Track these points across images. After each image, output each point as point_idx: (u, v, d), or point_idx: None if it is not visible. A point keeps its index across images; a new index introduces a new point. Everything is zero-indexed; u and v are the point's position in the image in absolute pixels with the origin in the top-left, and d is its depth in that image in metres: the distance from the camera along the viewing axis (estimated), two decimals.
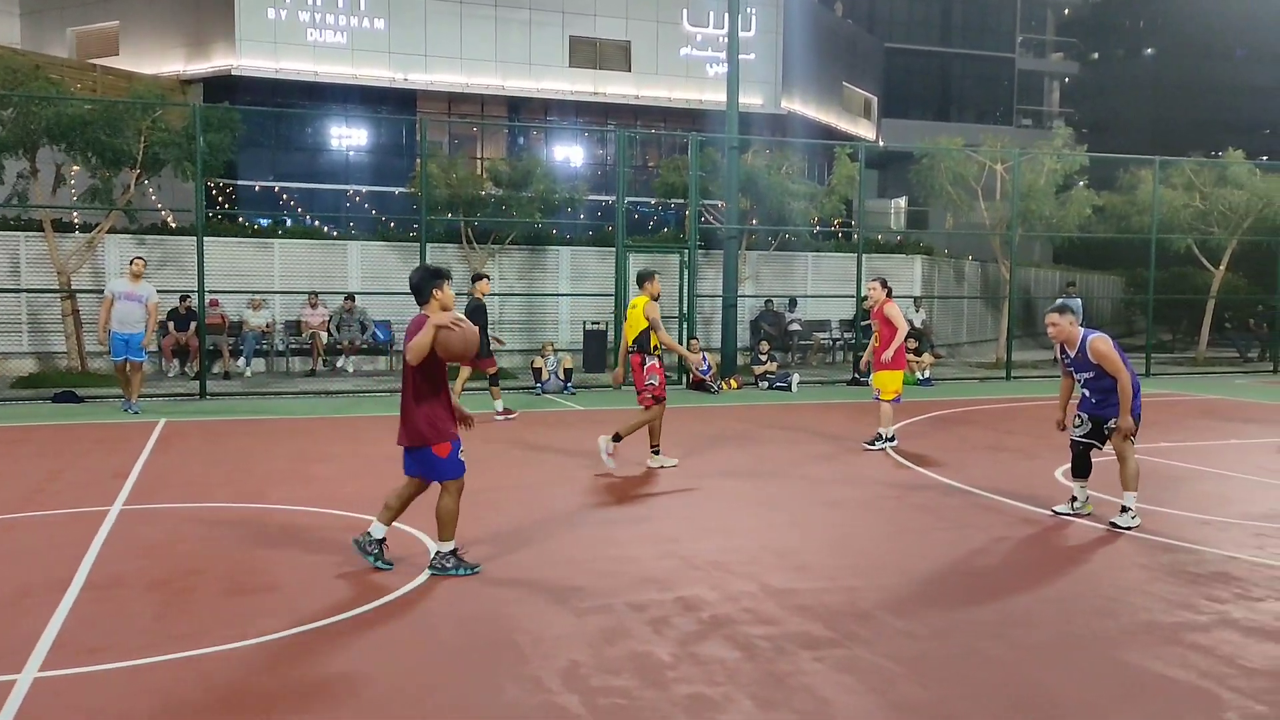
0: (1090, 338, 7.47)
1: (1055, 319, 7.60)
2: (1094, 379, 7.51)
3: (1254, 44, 60.25)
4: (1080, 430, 7.72)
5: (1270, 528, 7.49)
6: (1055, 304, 7.87)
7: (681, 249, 18.18)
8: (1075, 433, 7.77)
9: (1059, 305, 7.74)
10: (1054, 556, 6.75)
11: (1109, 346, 7.39)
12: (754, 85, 33.41)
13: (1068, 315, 7.61)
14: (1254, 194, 22.21)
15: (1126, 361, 7.43)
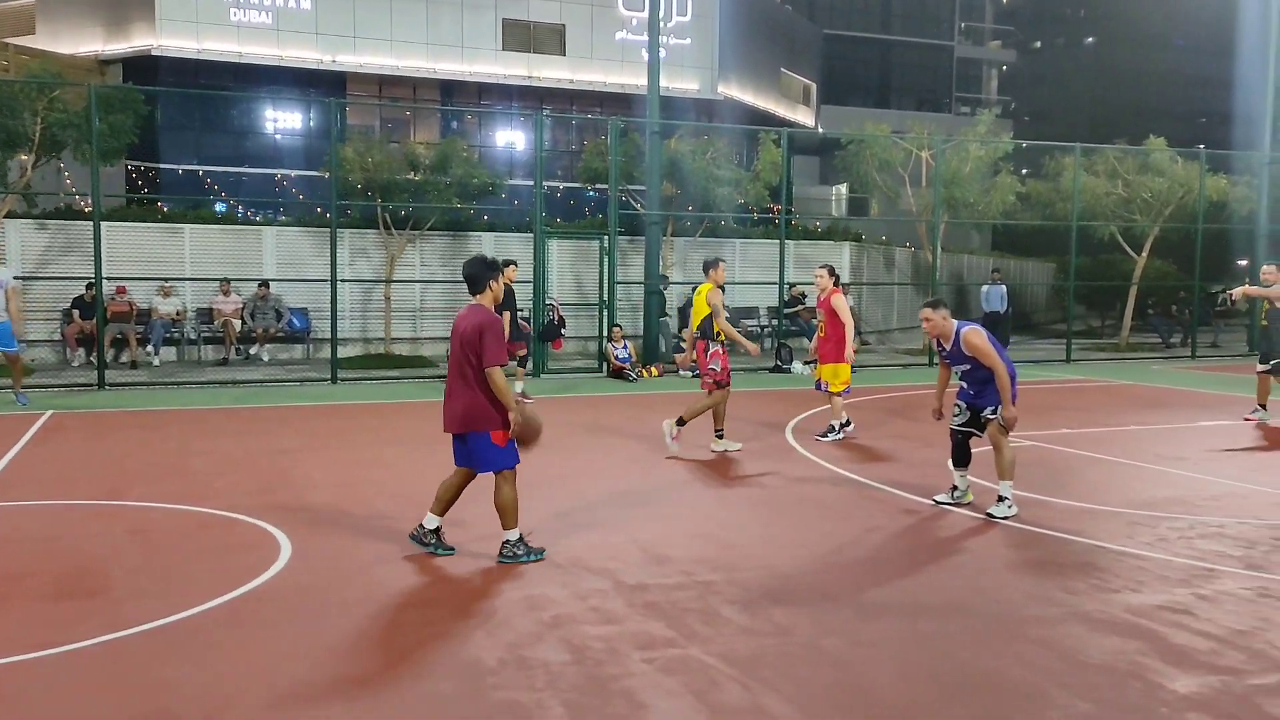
0: (963, 330, 7.40)
1: (928, 314, 7.52)
2: (970, 371, 7.45)
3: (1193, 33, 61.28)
4: (959, 419, 7.66)
5: (1145, 515, 7.47)
6: (928, 299, 7.80)
7: (602, 235, 17.94)
8: (954, 421, 7.71)
9: (931, 300, 7.68)
10: (923, 548, 6.66)
11: (982, 339, 7.33)
12: (690, 70, 33.25)
13: (940, 310, 7.53)
14: (1175, 181, 22.46)
15: (1002, 352, 7.36)
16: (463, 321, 5.99)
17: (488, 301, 6.07)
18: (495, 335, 5.87)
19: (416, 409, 13.24)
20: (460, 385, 5.98)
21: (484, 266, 6.15)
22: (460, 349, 5.96)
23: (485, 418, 5.95)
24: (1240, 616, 5.26)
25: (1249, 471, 9.15)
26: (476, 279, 6.10)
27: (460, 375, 5.98)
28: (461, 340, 5.94)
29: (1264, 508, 7.75)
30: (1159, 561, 6.29)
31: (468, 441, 6.04)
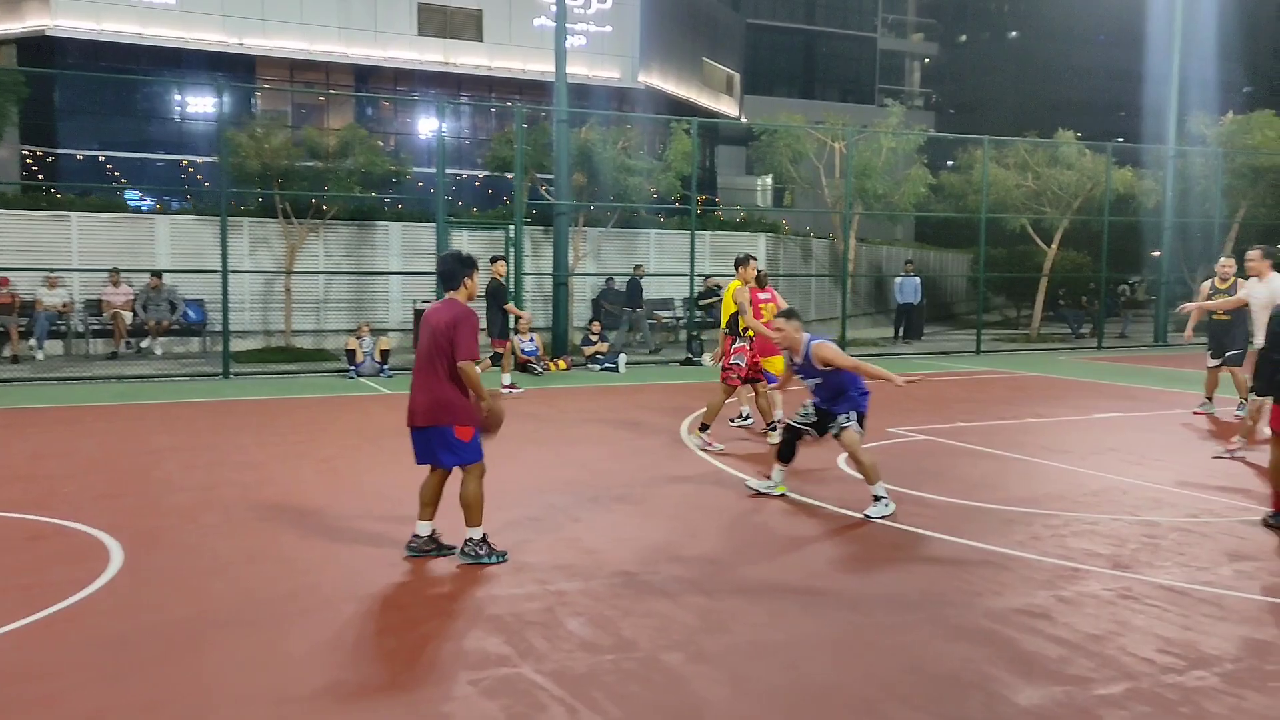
0: (814, 344, 7.28)
1: (781, 324, 7.40)
2: (822, 385, 7.36)
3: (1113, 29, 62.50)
4: (802, 417, 7.47)
5: (1021, 513, 7.37)
6: (783, 309, 7.69)
7: (509, 225, 17.57)
8: (796, 417, 7.52)
9: (785, 311, 7.57)
10: (792, 552, 6.47)
11: (833, 351, 7.23)
12: (610, 58, 32.95)
13: (793, 321, 7.41)
14: (1083, 174, 22.75)
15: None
16: (436, 315, 5.90)
17: (462, 297, 6.00)
18: (471, 329, 5.80)
19: (310, 405, 12.79)
20: (428, 378, 5.87)
21: (459, 262, 6.07)
22: (431, 341, 5.86)
23: (451, 412, 5.86)
24: (1097, 620, 5.14)
25: (1132, 466, 9.15)
26: (452, 275, 6.04)
27: (429, 368, 5.87)
28: (434, 333, 5.85)
29: (1141, 504, 7.72)
30: (1026, 562, 6.18)
31: (431, 437, 5.90)
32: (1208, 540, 6.65)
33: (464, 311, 5.86)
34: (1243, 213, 24.79)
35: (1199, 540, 6.65)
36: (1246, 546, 6.50)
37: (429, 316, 5.97)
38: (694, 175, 18.52)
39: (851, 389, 7.36)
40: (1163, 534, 6.80)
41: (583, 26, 32.27)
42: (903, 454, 9.68)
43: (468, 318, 5.83)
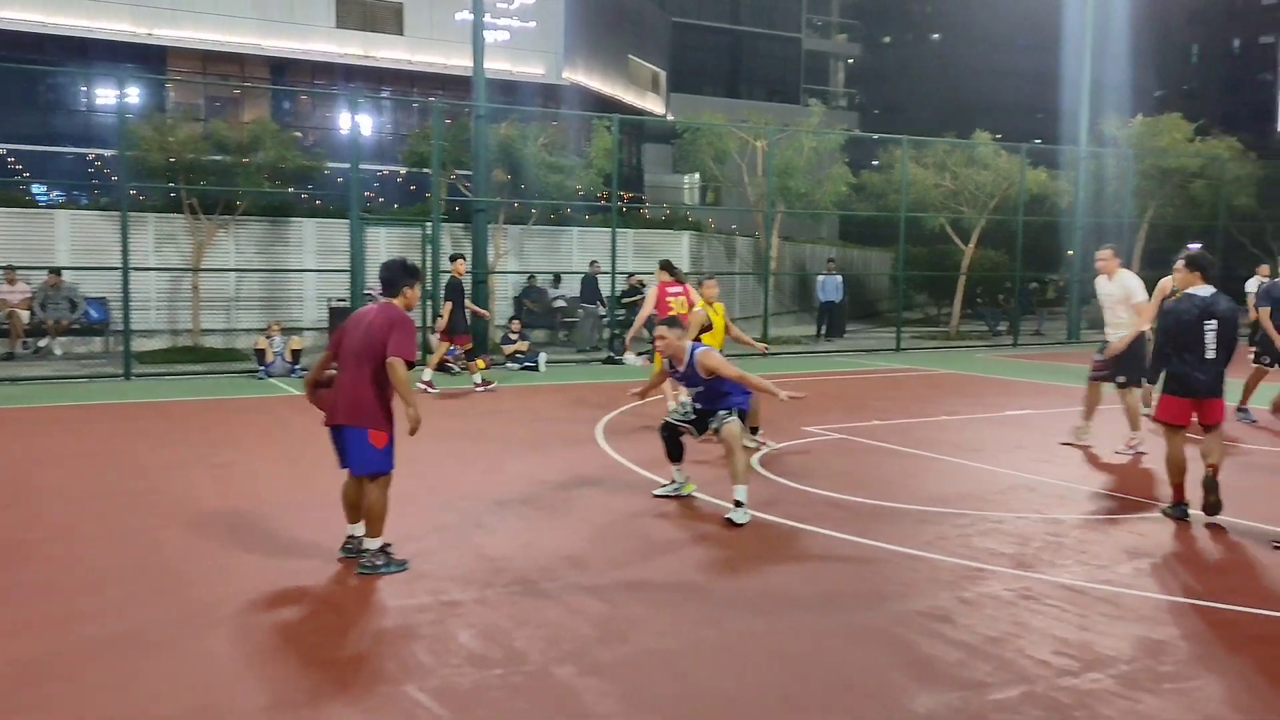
0: (698, 352, 7.22)
1: (664, 332, 7.32)
2: (703, 393, 7.32)
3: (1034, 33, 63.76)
4: (681, 415, 7.38)
5: (931, 512, 7.36)
6: (664, 318, 7.63)
7: (425, 222, 17.22)
8: (675, 414, 7.41)
9: (668, 319, 7.54)
10: (695, 554, 6.34)
11: (718, 361, 7.20)
12: (535, 54, 32.61)
13: (676, 329, 7.34)
14: (999, 174, 23.12)
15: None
16: (372, 314, 5.86)
17: (400, 306, 5.95)
18: (408, 332, 5.77)
19: (214, 408, 12.36)
20: (354, 377, 5.76)
21: (402, 272, 6.03)
22: (364, 340, 5.75)
23: (370, 414, 5.74)
24: (996, 622, 5.11)
25: (1040, 463, 9.23)
26: (392, 283, 5.99)
27: (356, 367, 5.76)
28: (368, 330, 5.76)
29: (1047, 501, 7.76)
30: (931, 562, 6.14)
31: (345, 437, 5.79)
32: (1109, 537, 6.70)
33: (402, 316, 5.85)
34: (1151, 213, 25.44)
35: (1101, 538, 6.69)
36: (1146, 543, 6.55)
37: (364, 315, 5.91)
38: (615, 172, 18.36)
39: (735, 393, 7.31)
40: (1066, 532, 6.83)
41: (506, 22, 31.88)
42: (817, 453, 9.65)
43: (406, 322, 5.82)
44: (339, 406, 5.81)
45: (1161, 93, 70.43)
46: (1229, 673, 4.48)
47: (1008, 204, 23.58)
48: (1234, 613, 5.27)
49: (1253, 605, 5.38)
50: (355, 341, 5.81)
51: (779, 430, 10.71)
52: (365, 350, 5.74)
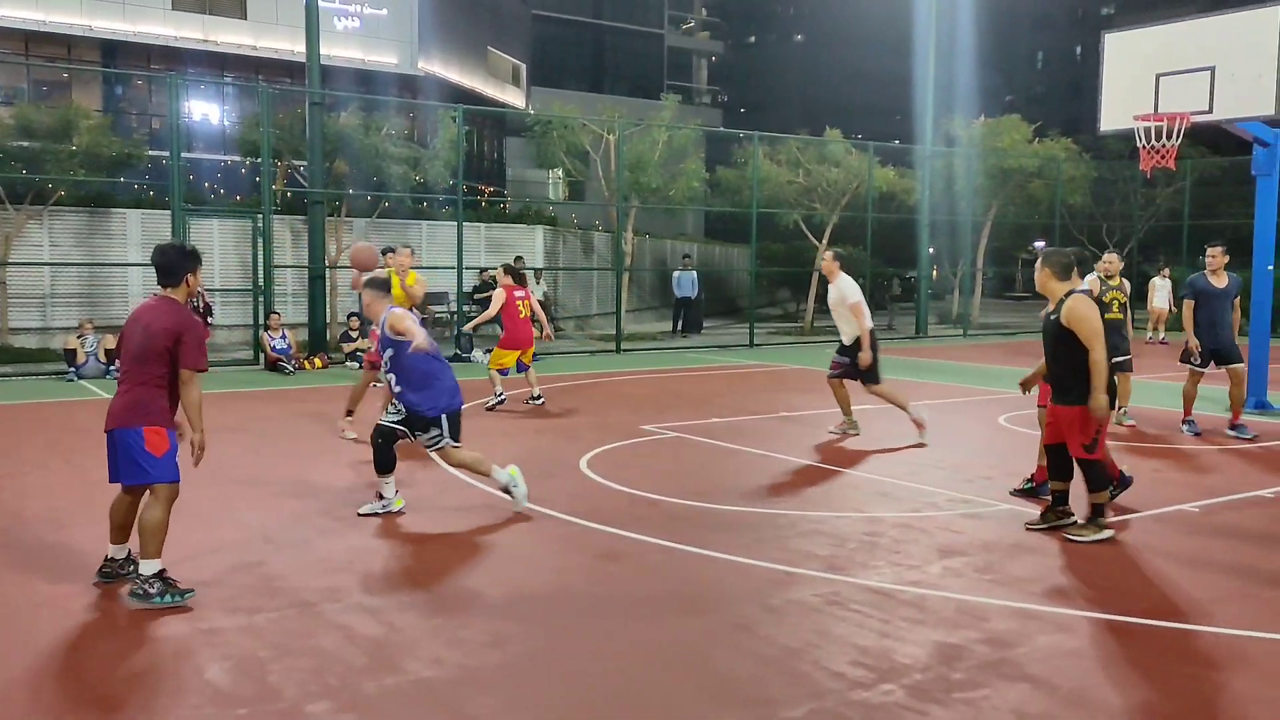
0: (390, 311, 6.88)
1: (364, 291, 7.18)
2: (395, 359, 6.86)
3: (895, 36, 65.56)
4: (394, 414, 6.94)
5: (753, 513, 7.16)
6: (367, 279, 7.30)
7: (256, 214, 16.34)
8: (386, 416, 7.00)
9: (369, 279, 7.23)
10: (494, 567, 5.98)
11: (407, 323, 6.72)
12: (388, 43, 31.67)
13: (373, 290, 7.07)
14: (849, 172, 23.46)
15: (437, 354, 6.91)
16: (149, 314, 5.22)
17: (181, 296, 5.35)
18: (198, 338, 5.21)
19: (14, 413, 11.36)
20: (132, 381, 5.18)
21: (181, 256, 5.37)
22: (143, 341, 5.15)
23: (147, 413, 5.14)
24: (798, 631, 4.89)
25: (869, 459, 9.20)
26: (170, 270, 5.31)
27: (137, 370, 5.16)
28: (148, 334, 5.14)
29: (869, 499, 7.68)
30: (744, 568, 5.91)
31: (117, 442, 5.15)
32: (924, 536, 6.61)
33: (187, 320, 5.24)
34: (994, 211, 26.26)
35: (916, 536, 6.60)
36: (959, 541, 6.49)
37: (140, 314, 5.28)
38: (460, 164, 17.80)
39: (434, 380, 6.84)
40: (883, 531, 6.72)
41: (356, 9, 30.86)
42: (650, 453, 9.39)
43: (193, 327, 5.24)
44: (112, 410, 5.21)
45: (1011, 97, 73.52)
46: (1022, 678, 4.36)
47: (858, 201, 23.95)
48: (1035, 612, 5.19)
49: (1054, 604, 5.32)
50: (134, 345, 5.21)
51: (614, 429, 10.44)
52: (145, 353, 5.15)
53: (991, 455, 9.37)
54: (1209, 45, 10.90)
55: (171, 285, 5.33)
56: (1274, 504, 7.56)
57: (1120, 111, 11.39)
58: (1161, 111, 10.95)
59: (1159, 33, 11.56)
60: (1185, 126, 10.85)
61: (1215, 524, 6.97)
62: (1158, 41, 11.38)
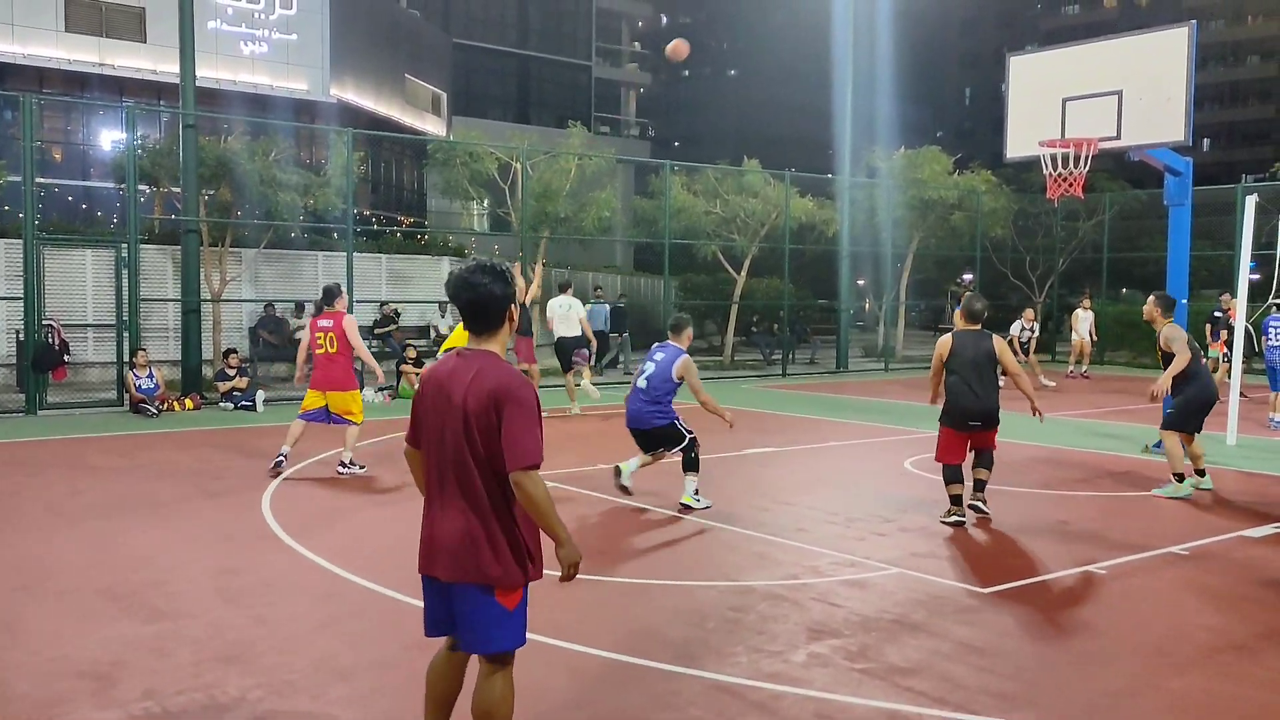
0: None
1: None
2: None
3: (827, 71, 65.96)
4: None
5: (603, 584, 6.25)
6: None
7: (119, 243, 15.16)
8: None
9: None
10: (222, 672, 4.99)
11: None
12: (297, 69, 30.62)
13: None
14: (768, 202, 22.87)
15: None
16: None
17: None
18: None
19: None
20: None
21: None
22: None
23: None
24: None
25: (756, 513, 8.35)
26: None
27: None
28: None
29: (745, 562, 6.81)
30: (569, 658, 4.99)
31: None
32: (796, 610, 5.75)
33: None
34: (916, 243, 25.86)
35: (787, 611, 5.73)
36: (835, 617, 5.64)
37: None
38: (350, 190, 16.78)
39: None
40: (751, 604, 5.85)
41: (264, 33, 29.77)
42: None
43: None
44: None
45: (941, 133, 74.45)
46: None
47: (777, 232, 23.37)
48: (907, 716, 4.35)
49: (933, 706, 4.48)
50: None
51: None
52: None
53: (890, 506, 8.58)
54: (1116, 68, 10.38)
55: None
56: (1185, 560, 6.86)
57: (1027, 137, 10.81)
58: (1068, 137, 10.39)
59: (1065, 55, 11.03)
60: (1093, 152, 10.29)
61: (1124, 590, 6.23)
62: (1064, 64, 10.84)
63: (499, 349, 3.56)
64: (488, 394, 3.39)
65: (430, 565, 3.52)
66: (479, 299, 3.50)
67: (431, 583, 3.56)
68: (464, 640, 3.54)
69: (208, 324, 17.70)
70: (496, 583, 3.45)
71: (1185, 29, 10.02)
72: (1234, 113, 70.75)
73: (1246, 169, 61.26)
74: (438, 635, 3.66)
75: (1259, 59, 70.21)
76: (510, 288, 3.57)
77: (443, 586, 3.51)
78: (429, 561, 3.53)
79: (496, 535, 3.45)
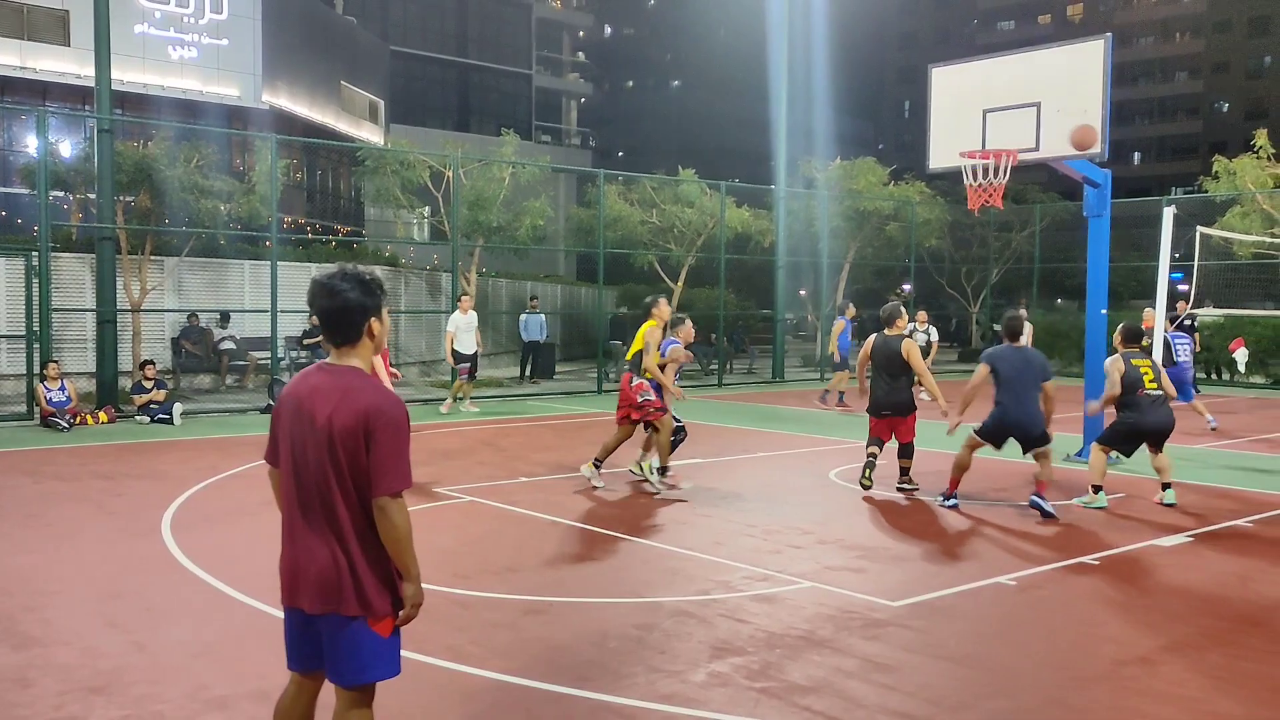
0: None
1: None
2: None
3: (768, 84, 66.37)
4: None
5: (506, 602, 6.07)
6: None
7: (28, 251, 14.66)
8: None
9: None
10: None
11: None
12: (228, 74, 29.99)
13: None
14: (704, 212, 22.85)
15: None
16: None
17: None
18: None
19: None
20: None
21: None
22: None
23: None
24: None
25: (674, 527, 8.22)
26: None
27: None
28: None
29: (655, 578, 6.67)
30: (457, 680, 4.81)
31: None
32: (702, 627, 5.61)
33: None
34: (853, 253, 26.02)
35: (692, 629, 5.59)
36: (740, 634, 5.51)
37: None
38: (274, 199, 16.41)
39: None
40: (656, 622, 5.70)
41: (194, 38, 29.14)
42: (429, 524, 8.19)
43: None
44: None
45: (882, 145, 75.33)
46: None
47: (713, 242, 23.36)
48: None
49: None
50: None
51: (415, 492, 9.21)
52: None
53: (810, 518, 8.50)
54: (1035, 81, 10.45)
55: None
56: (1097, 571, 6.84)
57: (948, 148, 10.83)
58: (988, 149, 10.43)
59: (985, 67, 11.08)
60: (1012, 164, 10.34)
61: (1033, 601, 6.19)
62: (984, 76, 10.89)
63: (363, 364, 3.34)
64: (358, 414, 3.17)
65: (294, 597, 3.31)
66: (337, 307, 3.28)
67: (296, 615, 3.35)
68: (335, 673, 3.33)
69: (127, 334, 17.21)
70: (369, 612, 3.24)
71: (1101, 42, 10.10)
72: (1163, 127, 72.47)
73: (1176, 182, 62.86)
74: (303, 670, 3.45)
75: (1187, 75, 72.01)
76: (375, 298, 3.36)
77: (309, 619, 3.30)
78: (292, 594, 3.31)
79: (366, 562, 3.24)
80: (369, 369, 3.36)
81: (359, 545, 3.23)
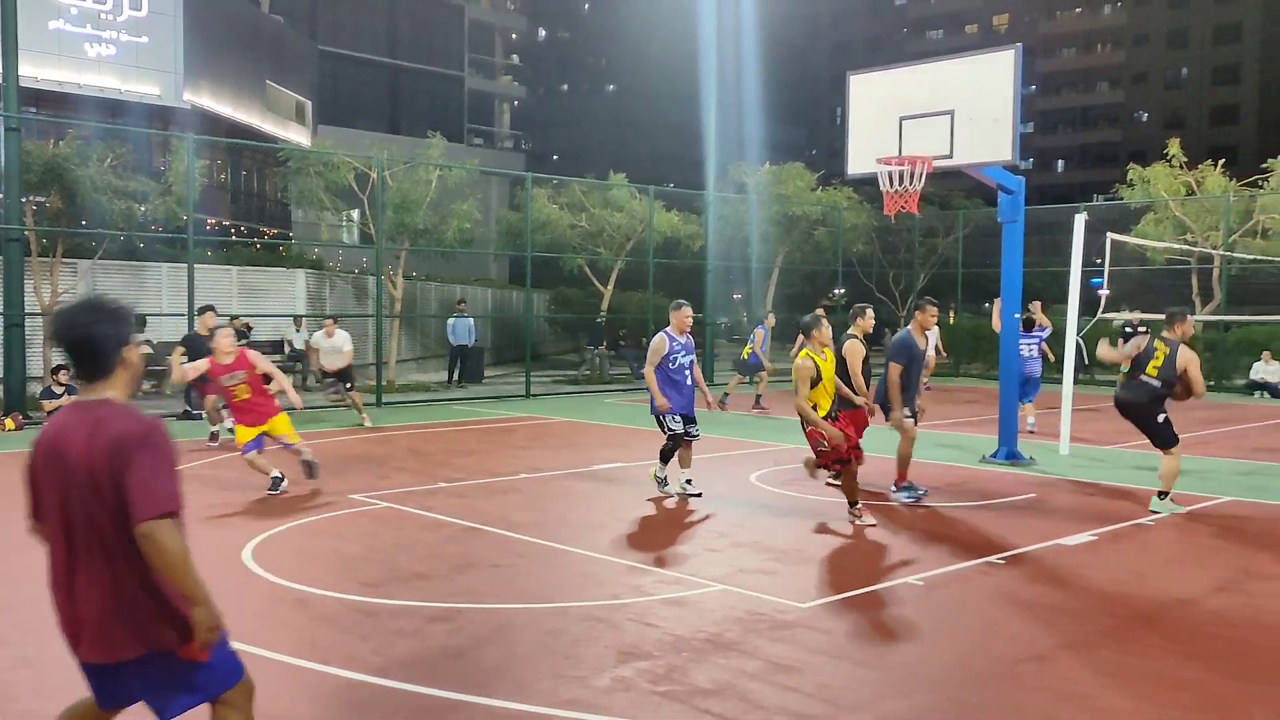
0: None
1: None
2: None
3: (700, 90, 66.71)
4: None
5: (417, 610, 6.00)
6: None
7: None
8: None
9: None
10: None
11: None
12: (148, 73, 29.29)
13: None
14: (633, 216, 22.89)
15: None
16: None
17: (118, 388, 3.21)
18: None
19: None
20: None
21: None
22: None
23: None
24: None
25: (591, 531, 8.21)
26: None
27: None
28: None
29: (566, 582, 6.65)
30: (361, 690, 4.74)
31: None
32: (610, 632, 5.60)
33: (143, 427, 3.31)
34: (782, 257, 26.26)
35: (599, 634, 5.58)
36: (648, 638, 5.51)
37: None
38: (191, 200, 16.06)
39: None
40: (564, 627, 5.68)
41: (112, 35, 28.42)
42: (339, 531, 8.08)
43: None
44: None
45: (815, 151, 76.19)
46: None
47: (643, 246, 23.41)
48: None
49: None
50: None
51: (316, 502, 9.10)
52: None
53: (727, 521, 8.55)
54: (949, 88, 10.65)
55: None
56: (999, 570, 6.98)
57: (866, 154, 10.98)
58: (904, 155, 10.60)
59: (901, 74, 11.27)
60: (928, 171, 10.51)
61: (937, 601, 6.28)
62: (900, 83, 11.07)
63: (118, 395, 3.14)
64: (110, 442, 2.98)
65: (88, 650, 3.09)
66: (82, 340, 3.09)
67: (93, 668, 3.15)
68: (164, 710, 3.16)
69: (38, 339, 16.71)
70: (174, 645, 3.08)
71: (1011, 52, 10.33)
72: (1085, 136, 74.36)
73: (1097, 189, 64.50)
74: (115, 708, 3.30)
75: (1108, 85, 74.01)
76: (124, 327, 3.14)
77: (110, 668, 3.11)
78: (83, 646, 3.10)
79: (153, 594, 3.06)
80: (126, 398, 3.17)
81: (145, 576, 3.04)
